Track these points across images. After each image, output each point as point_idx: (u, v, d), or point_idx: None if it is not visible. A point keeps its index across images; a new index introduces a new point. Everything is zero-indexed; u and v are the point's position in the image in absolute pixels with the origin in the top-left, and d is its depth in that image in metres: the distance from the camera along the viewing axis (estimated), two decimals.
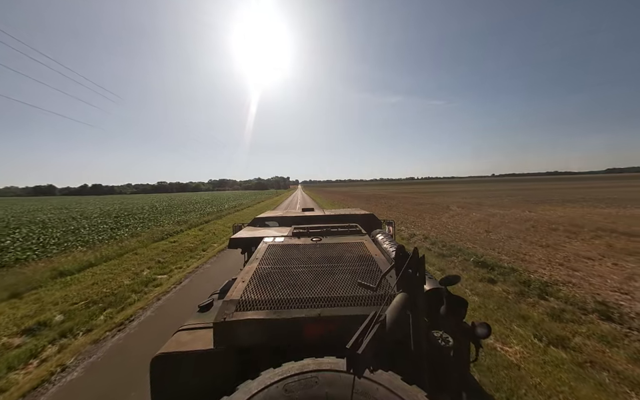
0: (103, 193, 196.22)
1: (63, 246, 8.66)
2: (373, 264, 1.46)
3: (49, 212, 23.78)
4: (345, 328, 0.77)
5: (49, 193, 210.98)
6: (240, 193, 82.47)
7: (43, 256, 7.55)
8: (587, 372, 2.58)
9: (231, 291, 1.17)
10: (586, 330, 3.26)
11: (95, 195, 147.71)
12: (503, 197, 24.60)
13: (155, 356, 0.95)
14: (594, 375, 2.53)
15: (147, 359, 0.95)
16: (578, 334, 3.19)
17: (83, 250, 8.10)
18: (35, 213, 23.48)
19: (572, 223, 10.06)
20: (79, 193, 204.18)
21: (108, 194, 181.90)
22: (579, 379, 2.48)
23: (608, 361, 2.72)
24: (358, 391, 0.77)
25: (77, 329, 3.58)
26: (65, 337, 3.44)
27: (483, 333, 0.95)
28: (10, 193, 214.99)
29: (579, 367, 2.65)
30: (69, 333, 3.50)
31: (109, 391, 2.50)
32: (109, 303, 4.37)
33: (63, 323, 3.76)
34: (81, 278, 5.73)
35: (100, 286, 5.17)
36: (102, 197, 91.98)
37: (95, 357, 3.02)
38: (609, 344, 2.98)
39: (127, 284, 5.24)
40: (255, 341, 0.97)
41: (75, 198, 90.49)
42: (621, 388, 2.38)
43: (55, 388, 2.58)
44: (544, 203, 17.94)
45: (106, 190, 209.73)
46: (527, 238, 7.95)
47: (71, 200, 64.40)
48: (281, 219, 3.11)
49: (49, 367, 2.84)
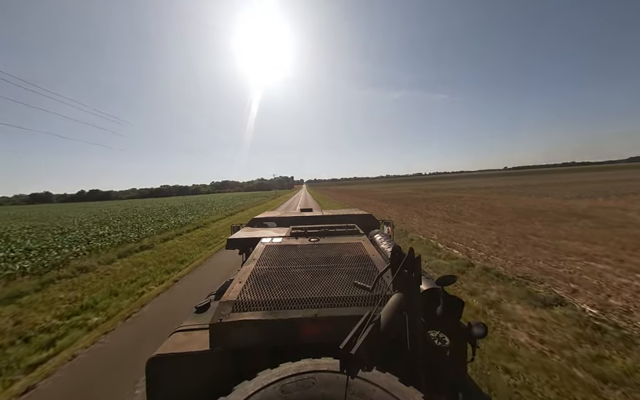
0: (100, 198, 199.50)
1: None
2: (370, 264, 1.51)
3: (85, 215, 26.33)
4: (341, 328, 0.80)
5: (46, 200, 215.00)
6: (236, 195, 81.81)
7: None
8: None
9: (228, 292, 1.22)
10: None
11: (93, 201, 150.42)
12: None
13: (150, 357, 1.00)
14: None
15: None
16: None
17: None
18: (68, 217, 25.41)
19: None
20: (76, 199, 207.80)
21: (105, 199, 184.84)
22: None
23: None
24: (355, 392, 0.81)
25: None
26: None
27: (479, 332, 0.98)
28: (7, 202, 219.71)
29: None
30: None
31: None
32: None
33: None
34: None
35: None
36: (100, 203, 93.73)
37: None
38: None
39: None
40: (251, 341, 1.01)
41: (88, 204, 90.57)
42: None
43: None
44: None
45: (103, 195, 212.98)
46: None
47: (79, 206, 65.92)
48: (279, 219, 3.20)
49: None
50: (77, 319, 4.17)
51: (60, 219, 24.68)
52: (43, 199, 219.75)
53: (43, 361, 3.17)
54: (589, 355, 2.82)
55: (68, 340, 3.57)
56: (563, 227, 8.68)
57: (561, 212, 11.65)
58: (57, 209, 55.72)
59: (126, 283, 5.66)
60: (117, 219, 20.31)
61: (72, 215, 28.11)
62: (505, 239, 7.57)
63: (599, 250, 6.16)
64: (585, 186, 26.85)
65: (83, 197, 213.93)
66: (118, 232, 12.52)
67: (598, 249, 6.26)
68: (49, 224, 19.48)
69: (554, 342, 3.05)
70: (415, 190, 39.08)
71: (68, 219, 23.73)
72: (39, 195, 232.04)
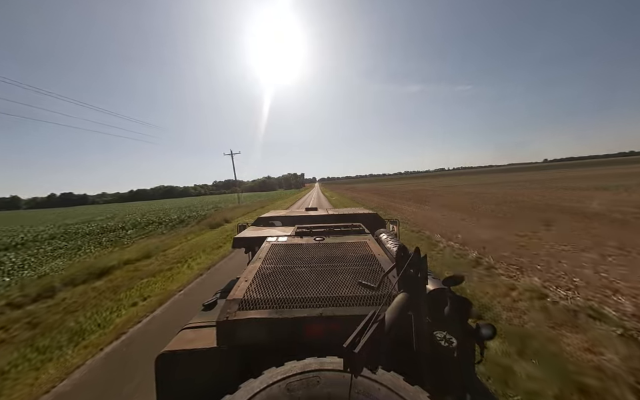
0: (73, 203, 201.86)
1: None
2: (376, 263, 1.65)
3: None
4: (346, 327, 0.87)
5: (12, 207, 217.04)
6: (221, 198, 77.19)
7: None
8: None
9: (234, 290, 1.36)
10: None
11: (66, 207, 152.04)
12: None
13: (159, 354, 1.14)
14: None
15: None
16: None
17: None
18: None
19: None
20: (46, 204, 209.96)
21: (79, 204, 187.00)
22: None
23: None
24: (360, 391, 0.93)
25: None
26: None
27: (487, 334, 1.09)
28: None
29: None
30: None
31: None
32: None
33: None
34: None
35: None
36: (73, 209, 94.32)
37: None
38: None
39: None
40: (257, 339, 1.14)
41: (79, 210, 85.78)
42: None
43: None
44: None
45: (76, 199, 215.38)
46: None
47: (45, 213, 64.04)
48: (284, 218, 3.47)
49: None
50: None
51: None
52: (8, 205, 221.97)
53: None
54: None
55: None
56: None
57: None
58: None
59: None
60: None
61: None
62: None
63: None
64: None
65: (54, 202, 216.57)
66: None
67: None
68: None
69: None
70: (457, 186, 35.34)
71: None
72: (5, 200, 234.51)
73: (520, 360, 3.16)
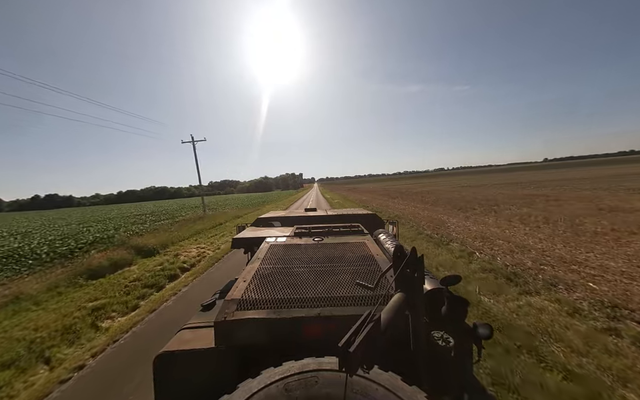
0: (57, 205, 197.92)
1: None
2: (374, 264, 1.69)
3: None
4: (344, 327, 0.89)
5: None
6: (211, 198, 69.03)
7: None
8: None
9: (232, 291, 1.39)
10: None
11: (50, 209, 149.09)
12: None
13: (157, 354, 1.16)
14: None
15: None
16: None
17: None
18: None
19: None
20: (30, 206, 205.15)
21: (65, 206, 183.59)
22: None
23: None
24: (357, 391, 0.95)
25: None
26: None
27: (484, 333, 1.13)
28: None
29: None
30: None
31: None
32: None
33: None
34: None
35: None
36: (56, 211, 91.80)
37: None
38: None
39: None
40: (255, 340, 1.17)
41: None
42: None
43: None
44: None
45: (61, 201, 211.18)
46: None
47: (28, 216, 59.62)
48: (283, 219, 3.53)
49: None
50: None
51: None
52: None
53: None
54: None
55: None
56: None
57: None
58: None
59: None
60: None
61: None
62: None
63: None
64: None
65: (38, 203, 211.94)
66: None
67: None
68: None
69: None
70: (463, 188, 30.09)
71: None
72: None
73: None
